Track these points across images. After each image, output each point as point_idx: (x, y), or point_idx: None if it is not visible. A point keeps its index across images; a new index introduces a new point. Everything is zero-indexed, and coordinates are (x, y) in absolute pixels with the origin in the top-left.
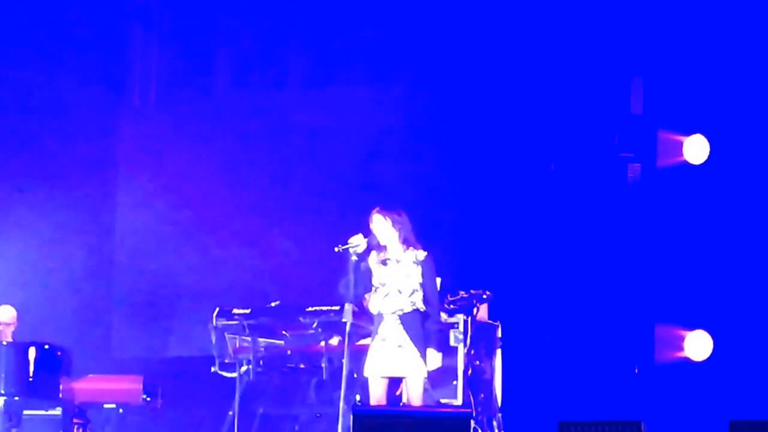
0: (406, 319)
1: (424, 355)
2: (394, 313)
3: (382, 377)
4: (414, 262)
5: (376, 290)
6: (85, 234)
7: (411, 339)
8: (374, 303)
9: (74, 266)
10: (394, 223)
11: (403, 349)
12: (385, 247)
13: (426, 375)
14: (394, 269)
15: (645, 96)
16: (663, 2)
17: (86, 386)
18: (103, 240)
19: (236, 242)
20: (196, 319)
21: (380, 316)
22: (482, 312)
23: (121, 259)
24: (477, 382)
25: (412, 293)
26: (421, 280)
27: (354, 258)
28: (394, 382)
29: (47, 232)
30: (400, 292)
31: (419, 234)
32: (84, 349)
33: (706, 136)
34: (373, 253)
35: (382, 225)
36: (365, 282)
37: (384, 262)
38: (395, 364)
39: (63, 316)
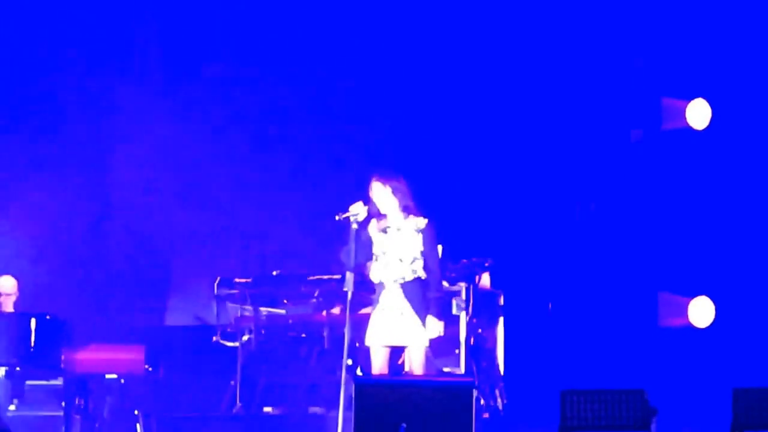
0: (407, 287)
1: (425, 323)
2: (395, 281)
3: (384, 346)
4: (415, 230)
5: (377, 259)
6: (81, 203)
7: (413, 307)
8: (375, 271)
9: (72, 236)
10: (393, 191)
11: (404, 317)
12: (385, 215)
13: (428, 343)
14: (395, 237)
15: (648, 61)
16: None
17: (88, 356)
18: (99, 208)
19: (234, 210)
20: (198, 288)
21: (381, 284)
22: (484, 280)
23: (118, 226)
24: (479, 350)
25: (413, 261)
26: (422, 249)
27: (354, 226)
28: (396, 351)
29: (45, 204)
30: (401, 260)
31: (421, 201)
32: (83, 319)
33: (708, 101)
34: (374, 221)
35: (381, 193)
36: (366, 250)
37: (384, 231)
38: (397, 332)
39: (62, 286)
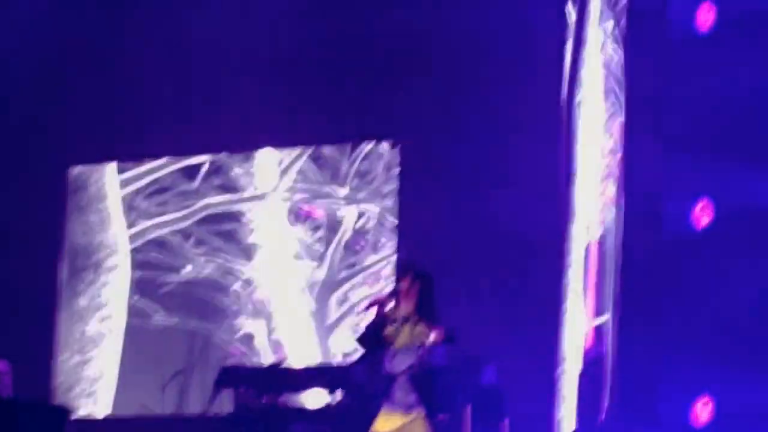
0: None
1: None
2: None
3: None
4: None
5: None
6: None
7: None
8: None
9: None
10: (410, 287)
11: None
12: (405, 309)
13: None
14: (399, 337)
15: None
16: None
17: None
18: None
19: None
20: (203, 377)
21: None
22: (487, 375)
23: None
24: None
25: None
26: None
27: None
28: None
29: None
30: (402, 358)
31: None
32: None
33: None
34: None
35: (401, 284)
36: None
37: (392, 322)
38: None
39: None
